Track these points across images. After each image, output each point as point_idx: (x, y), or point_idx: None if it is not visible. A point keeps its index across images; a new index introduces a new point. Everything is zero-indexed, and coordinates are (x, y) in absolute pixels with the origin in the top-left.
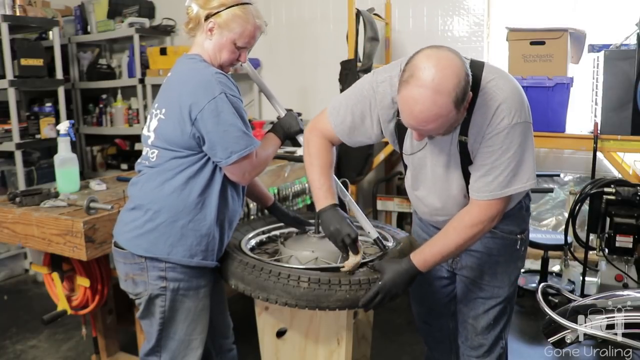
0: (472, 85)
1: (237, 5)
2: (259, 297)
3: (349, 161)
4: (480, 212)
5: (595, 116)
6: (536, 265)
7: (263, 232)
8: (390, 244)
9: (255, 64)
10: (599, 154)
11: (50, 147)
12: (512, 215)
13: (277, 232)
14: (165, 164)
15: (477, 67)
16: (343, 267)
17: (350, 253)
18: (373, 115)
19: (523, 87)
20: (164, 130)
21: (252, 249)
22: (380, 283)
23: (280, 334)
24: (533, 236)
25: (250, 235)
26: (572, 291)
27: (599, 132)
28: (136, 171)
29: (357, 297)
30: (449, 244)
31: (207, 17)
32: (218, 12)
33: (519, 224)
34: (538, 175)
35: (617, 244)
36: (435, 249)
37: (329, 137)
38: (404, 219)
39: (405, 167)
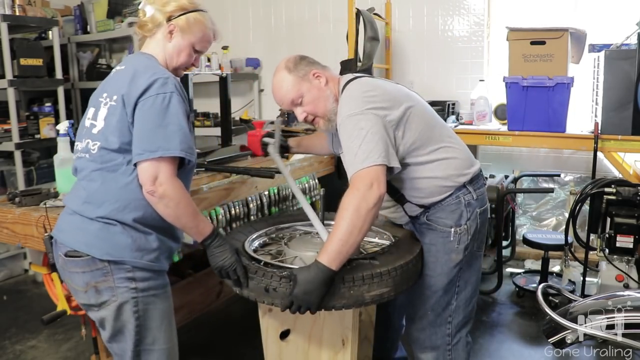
0: (342, 91)
1: (196, 10)
2: (263, 302)
3: None
4: (354, 184)
5: (596, 116)
6: (536, 265)
7: (266, 234)
8: (387, 242)
9: (255, 64)
10: (600, 154)
11: (49, 147)
12: (447, 209)
13: (280, 234)
14: (108, 155)
15: (350, 80)
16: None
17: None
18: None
19: (523, 86)
20: (114, 117)
21: (255, 251)
22: (292, 294)
23: (284, 335)
24: (533, 236)
25: (254, 236)
26: (572, 291)
27: (599, 132)
28: (75, 168)
29: (361, 294)
30: (343, 229)
31: (167, 20)
32: (179, 15)
33: (454, 218)
34: (539, 175)
35: (618, 244)
36: (335, 240)
37: None
38: None
39: None
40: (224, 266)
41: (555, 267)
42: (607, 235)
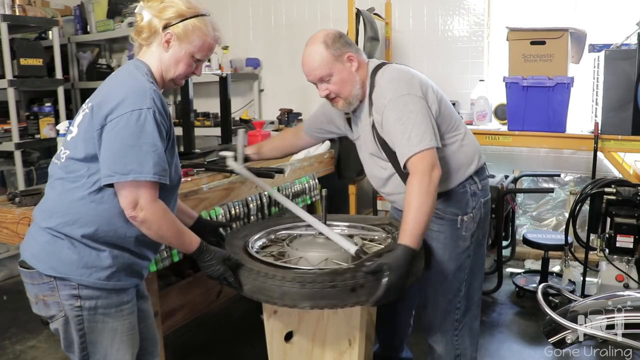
0: (371, 75)
1: (196, 16)
2: (285, 304)
3: (349, 161)
4: (417, 168)
5: (596, 116)
6: (537, 265)
7: (267, 234)
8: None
9: (255, 64)
10: (600, 154)
11: (49, 147)
12: (454, 198)
13: (280, 234)
14: (73, 165)
15: (379, 65)
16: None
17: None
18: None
19: (523, 86)
20: (84, 126)
21: (257, 252)
22: (387, 280)
23: (288, 337)
24: (533, 236)
25: (256, 237)
26: (572, 291)
27: (599, 132)
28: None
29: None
30: (420, 211)
31: (164, 28)
32: (176, 23)
33: (460, 206)
34: (539, 175)
35: (618, 244)
36: (413, 221)
37: None
38: None
39: None
40: (212, 277)
41: (555, 267)
42: (607, 235)
